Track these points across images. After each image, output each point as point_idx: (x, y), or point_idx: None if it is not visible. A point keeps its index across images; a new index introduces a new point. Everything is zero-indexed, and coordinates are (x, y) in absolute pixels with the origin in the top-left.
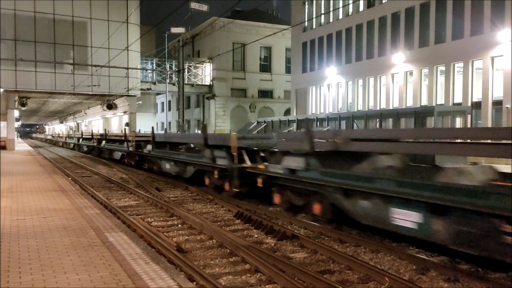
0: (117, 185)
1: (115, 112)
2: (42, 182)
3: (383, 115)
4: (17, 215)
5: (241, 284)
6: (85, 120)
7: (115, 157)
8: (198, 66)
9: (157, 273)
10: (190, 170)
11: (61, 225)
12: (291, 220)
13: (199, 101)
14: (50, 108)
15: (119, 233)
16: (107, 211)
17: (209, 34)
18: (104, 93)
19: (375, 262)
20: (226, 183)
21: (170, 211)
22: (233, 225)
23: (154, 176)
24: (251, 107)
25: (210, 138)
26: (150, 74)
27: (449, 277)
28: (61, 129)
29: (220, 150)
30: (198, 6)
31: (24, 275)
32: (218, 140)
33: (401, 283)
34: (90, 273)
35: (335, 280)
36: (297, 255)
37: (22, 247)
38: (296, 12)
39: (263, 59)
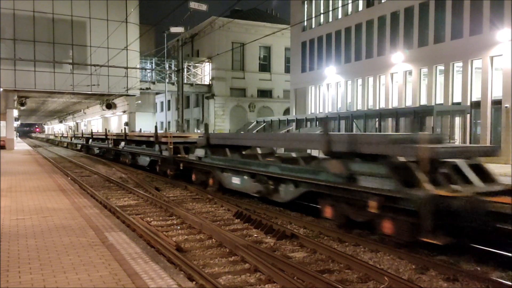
0: (117, 184)
1: (115, 112)
2: (41, 181)
3: (382, 115)
4: (17, 214)
5: (241, 283)
6: (84, 119)
7: (140, 162)
8: (198, 66)
9: (157, 273)
10: (292, 191)
11: (60, 225)
12: (291, 220)
13: (199, 101)
14: (49, 107)
15: (118, 232)
16: (106, 210)
17: (208, 34)
18: (104, 93)
19: (374, 262)
20: None
21: (169, 210)
22: (233, 224)
23: (153, 175)
24: (251, 107)
25: None
26: (149, 73)
27: (448, 277)
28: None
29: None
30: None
31: (24, 274)
32: None
33: (400, 282)
34: (90, 272)
35: (335, 279)
36: (297, 255)
37: (21, 246)
38: (295, 11)
39: (263, 59)
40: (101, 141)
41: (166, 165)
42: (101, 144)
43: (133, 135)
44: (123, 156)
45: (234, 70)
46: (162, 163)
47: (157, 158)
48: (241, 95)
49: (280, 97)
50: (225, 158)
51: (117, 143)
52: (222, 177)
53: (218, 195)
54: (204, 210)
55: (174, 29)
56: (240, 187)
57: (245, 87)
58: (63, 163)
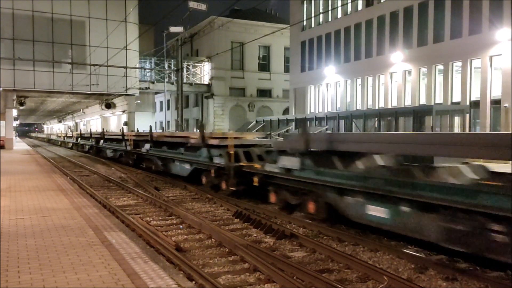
0: (116, 184)
1: (114, 111)
2: (40, 181)
3: (382, 114)
4: (16, 214)
5: (240, 283)
6: (84, 119)
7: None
8: (197, 65)
9: (156, 272)
10: None
11: (59, 225)
12: (290, 219)
13: (198, 100)
14: (48, 107)
15: (118, 232)
16: (106, 210)
17: (208, 33)
18: (103, 92)
19: (373, 261)
20: None
21: (169, 210)
22: (232, 224)
23: (153, 175)
24: (250, 106)
25: None
26: (149, 73)
27: (447, 276)
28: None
29: None
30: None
31: (23, 274)
32: None
33: (399, 282)
34: (89, 272)
35: (334, 279)
36: (296, 254)
37: (20, 246)
38: (294, 11)
39: (262, 58)
40: (116, 142)
41: (222, 177)
42: (117, 146)
43: (163, 135)
44: (148, 161)
45: (234, 70)
46: (216, 174)
47: (207, 167)
48: (240, 95)
49: (279, 96)
50: (350, 174)
51: (137, 145)
52: (341, 203)
53: (218, 195)
54: (203, 210)
55: (173, 29)
56: (387, 222)
57: (245, 87)
58: (62, 163)
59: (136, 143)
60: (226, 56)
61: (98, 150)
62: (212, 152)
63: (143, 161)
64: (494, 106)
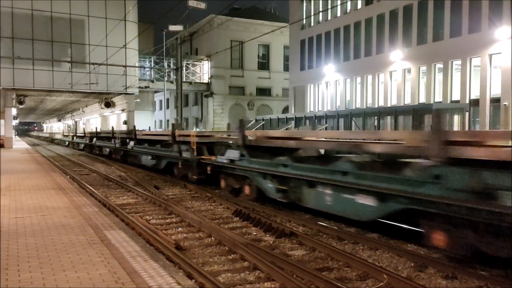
0: (116, 183)
1: (113, 110)
2: (40, 180)
3: (381, 113)
4: (16, 213)
5: (240, 281)
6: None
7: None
8: (196, 64)
9: (156, 271)
10: None
11: (59, 223)
12: (290, 218)
13: (197, 99)
14: (48, 106)
15: (117, 231)
16: (105, 209)
17: (207, 32)
18: (102, 91)
19: (373, 259)
20: None
21: (168, 209)
22: (232, 222)
23: (152, 174)
24: (250, 105)
25: None
26: (148, 72)
27: (447, 274)
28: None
29: None
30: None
31: (23, 273)
32: None
33: (399, 280)
34: (89, 271)
35: (334, 277)
36: (296, 253)
37: (20, 245)
38: (294, 10)
39: (261, 57)
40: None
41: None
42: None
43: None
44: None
45: (233, 68)
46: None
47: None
48: (240, 93)
49: (279, 95)
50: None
51: (124, 142)
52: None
53: (217, 194)
54: (203, 208)
55: (173, 27)
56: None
57: (244, 85)
58: (62, 162)
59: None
60: (225, 55)
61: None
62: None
63: (128, 156)
64: (494, 105)
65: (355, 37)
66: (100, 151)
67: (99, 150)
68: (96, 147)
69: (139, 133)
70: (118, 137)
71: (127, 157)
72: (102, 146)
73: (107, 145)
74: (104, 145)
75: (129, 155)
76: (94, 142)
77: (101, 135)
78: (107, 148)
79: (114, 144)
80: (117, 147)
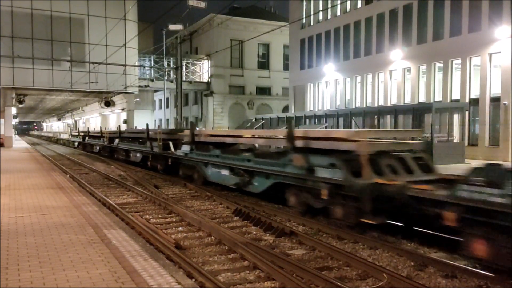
0: (115, 182)
1: (113, 109)
2: (40, 179)
3: (381, 112)
4: (15, 212)
5: (240, 280)
6: (83, 117)
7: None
8: (196, 63)
9: (156, 270)
10: None
11: (59, 223)
12: (290, 217)
13: (197, 98)
14: (47, 105)
15: (117, 230)
16: (105, 208)
17: (207, 31)
18: (102, 90)
19: (373, 259)
20: None
21: (168, 208)
22: (232, 222)
23: (152, 173)
24: (249, 104)
25: None
26: (148, 71)
27: (447, 273)
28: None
29: None
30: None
31: (23, 272)
32: None
33: (399, 279)
34: (89, 270)
35: (334, 276)
36: (296, 252)
37: (20, 244)
38: (294, 9)
39: (261, 56)
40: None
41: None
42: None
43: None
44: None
45: (233, 68)
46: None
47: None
48: (239, 93)
49: (279, 94)
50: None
51: (111, 140)
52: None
53: (217, 193)
54: (203, 208)
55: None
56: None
57: (244, 85)
58: (62, 161)
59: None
60: (225, 54)
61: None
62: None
63: (114, 152)
64: (494, 104)
65: (355, 36)
66: (126, 156)
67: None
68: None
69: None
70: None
71: (113, 153)
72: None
73: (97, 143)
74: (95, 143)
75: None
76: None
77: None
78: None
79: (102, 142)
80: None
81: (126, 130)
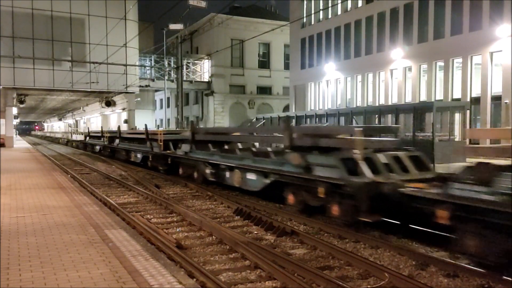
0: (116, 182)
1: (114, 109)
2: (41, 179)
3: (382, 111)
4: (16, 212)
5: (241, 280)
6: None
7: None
8: (197, 63)
9: (157, 270)
10: None
11: (60, 222)
12: (291, 216)
13: (198, 98)
14: (48, 105)
15: (118, 230)
16: (106, 208)
17: (208, 31)
18: (103, 90)
19: (374, 258)
20: None
21: (169, 208)
22: (233, 221)
23: (153, 173)
24: (250, 104)
25: None
26: (149, 71)
27: (448, 273)
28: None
29: None
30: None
31: (24, 272)
32: None
33: (401, 278)
34: (90, 270)
35: (335, 276)
36: (297, 251)
37: (21, 244)
38: (294, 8)
39: (262, 56)
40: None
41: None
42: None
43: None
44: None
45: (234, 67)
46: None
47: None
48: (240, 92)
49: (279, 94)
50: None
51: (112, 140)
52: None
53: (218, 192)
54: (204, 207)
55: (173, 26)
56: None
57: (245, 84)
58: (63, 161)
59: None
60: (226, 54)
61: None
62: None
63: (115, 152)
64: (495, 103)
65: (356, 35)
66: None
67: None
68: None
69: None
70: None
71: (114, 153)
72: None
73: (98, 142)
74: (95, 143)
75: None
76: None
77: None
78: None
79: (103, 142)
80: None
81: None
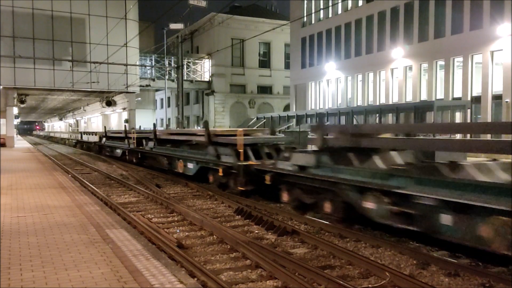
0: (117, 181)
1: (114, 109)
2: (42, 179)
3: (383, 110)
4: (17, 212)
5: (242, 279)
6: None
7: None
8: (197, 62)
9: (158, 269)
10: None
11: (61, 222)
12: (291, 216)
13: (198, 97)
14: (49, 105)
15: (119, 229)
16: (107, 207)
17: (208, 30)
18: (103, 90)
19: (375, 257)
20: None
21: (170, 207)
22: (233, 221)
23: (154, 172)
24: (251, 103)
25: None
26: (149, 70)
27: (449, 272)
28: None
29: None
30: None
31: (25, 272)
32: None
33: (401, 277)
34: (91, 269)
35: (336, 275)
36: (298, 251)
37: (22, 244)
38: (295, 7)
39: (262, 55)
40: None
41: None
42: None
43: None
44: (104, 150)
45: (234, 67)
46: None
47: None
48: (241, 92)
49: (280, 93)
50: None
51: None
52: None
53: (219, 192)
54: (204, 207)
55: (173, 26)
56: None
57: (245, 84)
58: (63, 161)
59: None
60: (226, 53)
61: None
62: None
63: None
64: (496, 101)
65: (356, 34)
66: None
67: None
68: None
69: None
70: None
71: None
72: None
73: (196, 156)
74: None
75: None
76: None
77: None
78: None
79: (215, 157)
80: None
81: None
